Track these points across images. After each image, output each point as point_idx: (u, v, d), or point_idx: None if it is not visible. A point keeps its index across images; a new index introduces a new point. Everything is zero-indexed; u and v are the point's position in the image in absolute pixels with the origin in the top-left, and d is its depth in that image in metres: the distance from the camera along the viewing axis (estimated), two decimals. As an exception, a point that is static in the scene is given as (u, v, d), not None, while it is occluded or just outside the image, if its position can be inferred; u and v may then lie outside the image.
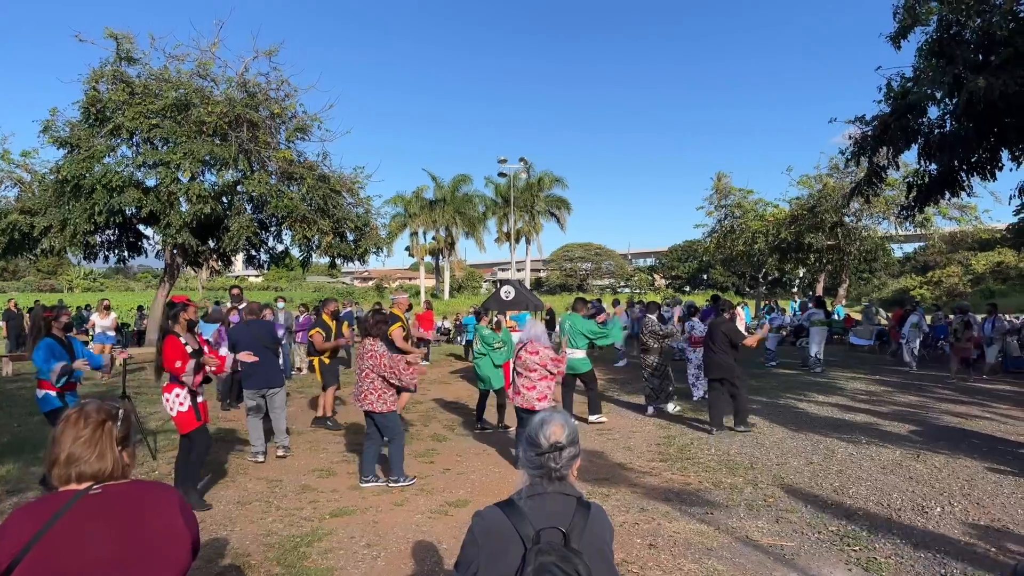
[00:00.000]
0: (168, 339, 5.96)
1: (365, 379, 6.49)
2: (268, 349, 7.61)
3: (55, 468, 1.98)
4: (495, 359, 9.38)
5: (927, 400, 11.45)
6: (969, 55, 8.54)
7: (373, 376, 6.46)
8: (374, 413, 6.51)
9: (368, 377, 6.48)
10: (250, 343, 7.41)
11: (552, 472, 2.11)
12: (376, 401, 6.46)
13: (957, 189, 12.03)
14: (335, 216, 18.78)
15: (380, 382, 6.48)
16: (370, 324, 6.72)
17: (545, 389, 7.04)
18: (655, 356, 10.44)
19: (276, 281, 73.68)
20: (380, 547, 5.01)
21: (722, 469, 7.13)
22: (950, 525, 5.40)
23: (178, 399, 5.94)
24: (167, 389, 5.98)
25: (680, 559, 4.73)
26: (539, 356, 7.02)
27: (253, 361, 7.04)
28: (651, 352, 10.45)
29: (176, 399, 5.94)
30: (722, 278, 64.69)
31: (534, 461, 2.12)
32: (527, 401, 7.02)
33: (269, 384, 7.55)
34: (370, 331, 6.67)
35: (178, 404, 5.94)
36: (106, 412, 2.06)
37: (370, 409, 6.48)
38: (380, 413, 6.49)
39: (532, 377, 7.04)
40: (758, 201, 32.77)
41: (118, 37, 17.52)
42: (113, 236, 19.67)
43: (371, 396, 6.46)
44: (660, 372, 10.43)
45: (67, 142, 17.19)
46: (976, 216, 27.86)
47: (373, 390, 6.46)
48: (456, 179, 53.63)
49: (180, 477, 5.98)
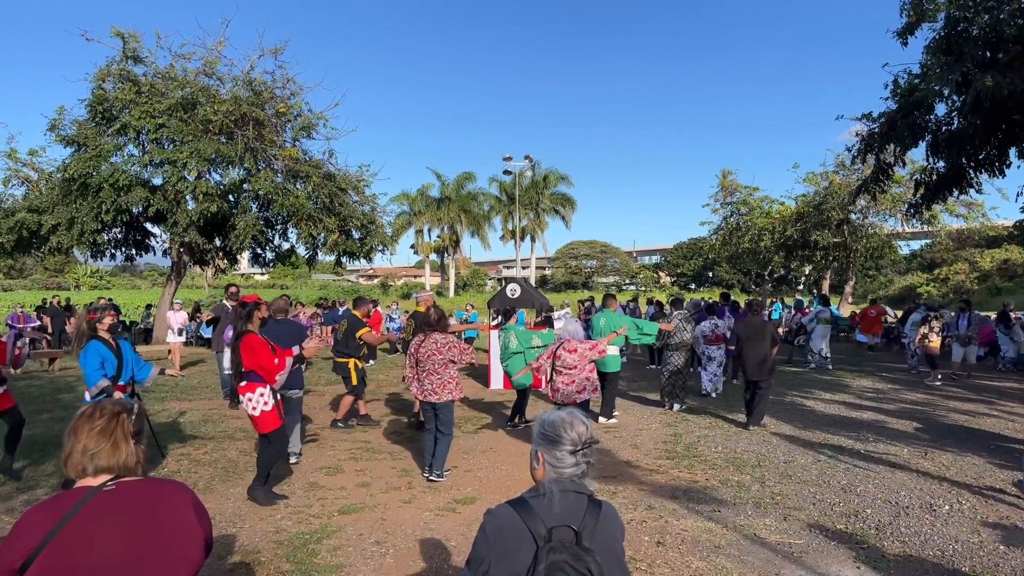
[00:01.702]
0: (250, 338, 5.95)
1: (444, 371, 6.61)
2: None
3: (71, 460, 2.01)
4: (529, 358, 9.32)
5: (933, 398, 11.43)
6: (977, 52, 8.49)
7: (450, 367, 6.65)
8: (443, 405, 6.65)
9: (446, 368, 6.62)
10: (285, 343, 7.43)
11: (588, 468, 2.15)
12: (455, 390, 6.66)
13: (965, 186, 11.97)
14: (341, 214, 18.81)
15: (455, 372, 6.71)
16: (435, 320, 6.83)
17: (584, 381, 7.40)
18: (682, 354, 10.42)
19: (281, 279, 73.80)
20: (389, 544, 5.03)
21: (729, 467, 7.12)
22: (959, 523, 5.39)
23: (262, 398, 5.91)
24: (249, 388, 5.92)
25: (688, 556, 4.73)
26: (577, 353, 7.37)
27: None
28: (681, 350, 10.44)
29: (260, 398, 5.90)
30: (727, 276, 64.55)
31: (565, 460, 2.13)
32: (567, 396, 7.36)
33: (293, 386, 7.52)
34: (435, 326, 6.79)
35: (262, 403, 5.91)
36: (121, 405, 2.12)
37: (450, 399, 6.64)
38: (450, 402, 6.68)
39: (572, 373, 7.37)
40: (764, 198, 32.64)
41: (124, 36, 17.55)
42: (120, 234, 19.72)
43: (450, 385, 6.64)
44: (684, 371, 10.47)
45: (74, 141, 17.24)
46: (983, 213, 27.72)
47: (451, 380, 6.65)
48: (461, 177, 53.61)
49: (260, 472, 6.05)
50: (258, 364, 5.88)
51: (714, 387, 11.69)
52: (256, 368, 5.89)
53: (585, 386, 7.40)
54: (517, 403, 9.35)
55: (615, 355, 9.57)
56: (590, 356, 7.43)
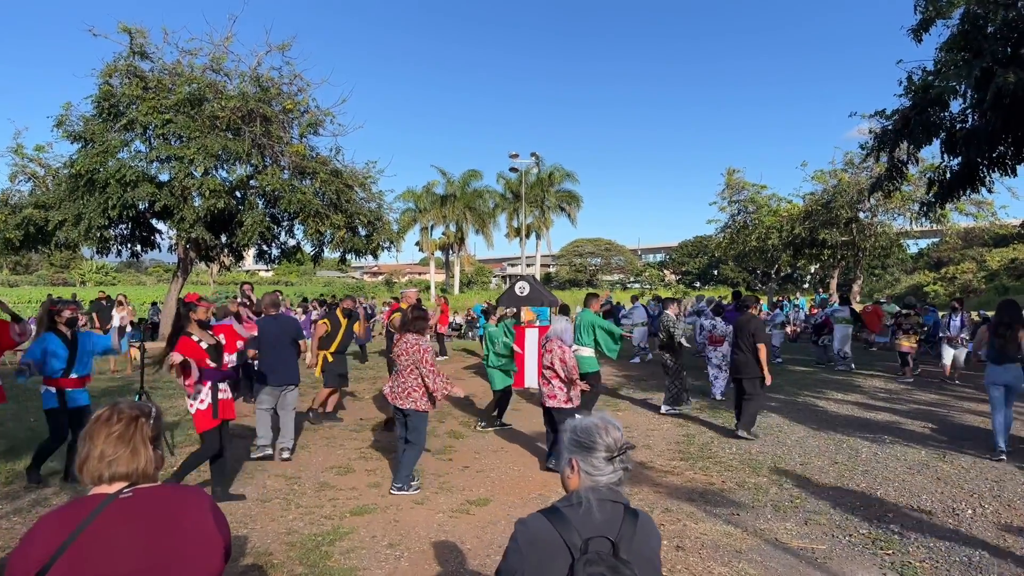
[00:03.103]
0: (182, 340, 5.86)
1: (409, 375, 6.18)
2: (294, 345, 7.55)
3: (87, 466, 1.92)
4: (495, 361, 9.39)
5: (947, 398, 11.31)
6: (997, 48, 8.35)
7: (416, 372, 6.18)
8: (411, 411, 6.15)
9: (412, 373, 6.18)
10: (277, 337, 7.37)
11: (625, 475, 2.07)
12: (420, 399, 6.15)
13: (978, 184, 11.85)
14: (348, 211, 18.70)
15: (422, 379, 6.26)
16: (409, 319, 6.44)
17: (557, 389, 6.92)
18: (671, 354, 10.25)
19: (286, 276, 73.85)
20: (403, 547, 4.94)
21: (745, 468, 7.02)
22: (982, 528, 5.28)
23: (198, 396, 5.85)
24: (189, 387, 5.85)
25: (709, 562, 4.63)
26: (551, 355, 6.92)
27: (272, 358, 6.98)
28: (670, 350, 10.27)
29: (197, 396, 5.85)
30: (733, 274, 64.37)
31: (602, 468, 2.04)
32: (543, 397, 7.10)
33: (288, 381, 7.47)
34: (409, 327, 6.39)
35: (198, 401, 5.85)
36: (139, 409, 2.02)
37: (413, 408, 6.13)
38: (416, 412, 6.16)
39: (546, 375, 7.04)
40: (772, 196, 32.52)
41: (131, 32, 17.45)
42: (126, 230, 19.66)
43: (415, 393, 6.15)
44: (674, 371, 10.25)
45: (81, 136, 17.16)
46: (993, 212, 27.58)
47: (416, 387, 6.17)
48: (466, 174, 53.48)
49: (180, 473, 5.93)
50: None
51: (719, 389, 11.50)
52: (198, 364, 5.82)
53: (557, 394, 6.92)
54: (500, 402, 9.40)
55: (589, 355, 9.41)
56: (558, 368, 6.86)
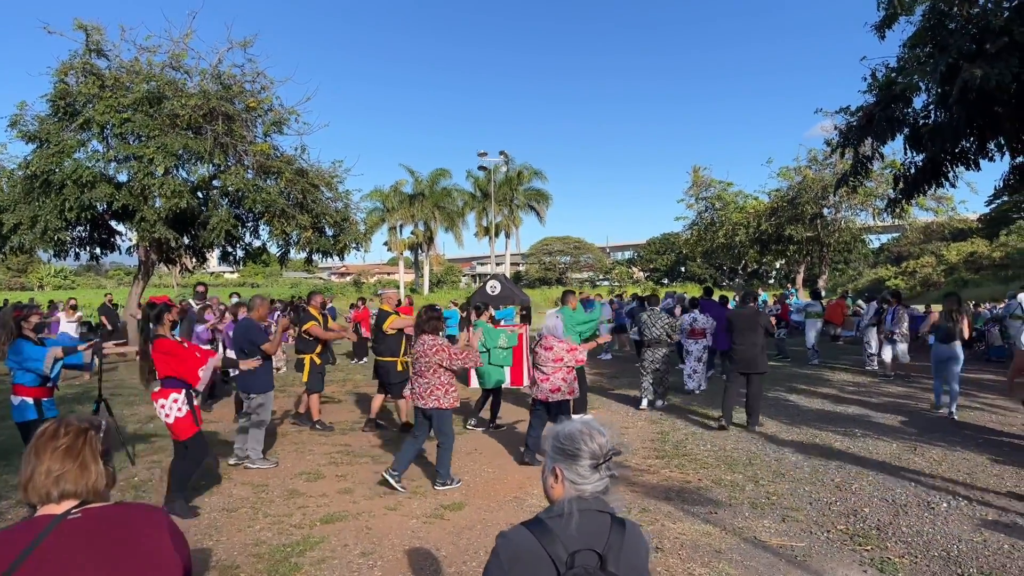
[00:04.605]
0: (161, 343, 5.63)
1: (432, 375, 6.24)
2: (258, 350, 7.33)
3: (32, 484, 1.76)
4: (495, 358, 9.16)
5: (914, 391, 11.46)
6: (963, 44, 8.43)
7: (440, 371, 6.25)
8: (435, 411, 6.25)
9: (436, 373, 6.24)
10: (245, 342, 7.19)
11: (611, 483, 2.00)
12: (443, 397, 6.23)
13: (942, 179, 12.02)
14: (314, 211, 18.39)
15: (447, 377, 6.28)
16: (423, 320, 6.46)
17: (559, 381, 7.06)
18: (659, 350, 10.20)
19: (252, 277, 72.66)
20: (375, 556, 4.78)
21: (721, 466, 6.99)
22: (958, 521, 5.29)
23: (175, 404, 5.58)
24: (162, 394, 5.60)
25: (689, 563, 4.56)
26: (554, 351, 7.08)
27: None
28: (661, 345, 10.22)
29: (174, 404, 5.58)
30: (700, 271, 64.94)
31: (587, 476, 1.95)
32: (541, 392, 7.12)
33: (262, 389, 7.23)
34: (424, 327, 6.42)
35: (175, 409, 5.59)
36: (88, 421, 1.88)
37: (436, 406, 6.22)
38: (442, 410, 6.25)
39: (545, 370, 7.11)
40: (738, 193, 32.87)
41: (88, 28, 16.93)
42: (84, 233, 19.09)
43: (438, 392, 6.22)
44: (666, 367, 10.25)
45: (36, 137, 16.60)
46: (952, 207, 28.16)
47: (440, 386, 6.23)
48: (435, 173, 53.09)
49: (175, 484, 5.68)
50: (175, 370, 5.59)
51: (696, 384, 11.56)
52: (173, 375, 5.59)
53: (560, 386, 7.03)
54: (493, 401, 9.17)
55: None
56: (567, 360, 7.05)
